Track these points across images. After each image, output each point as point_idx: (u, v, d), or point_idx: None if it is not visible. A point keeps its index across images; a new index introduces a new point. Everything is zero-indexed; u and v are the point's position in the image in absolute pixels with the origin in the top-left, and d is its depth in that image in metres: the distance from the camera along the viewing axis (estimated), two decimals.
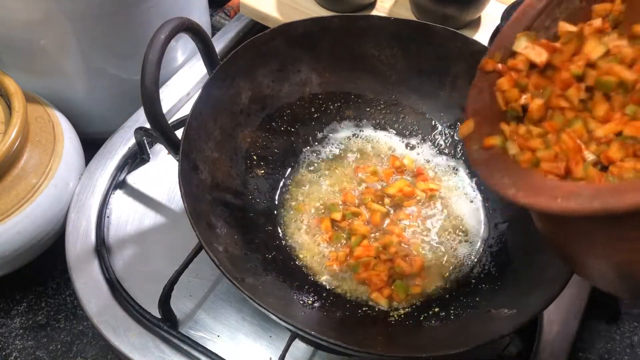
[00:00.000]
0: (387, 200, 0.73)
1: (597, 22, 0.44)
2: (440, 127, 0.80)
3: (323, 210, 0.73)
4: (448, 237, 0.71)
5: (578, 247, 0.43)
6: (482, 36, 0.92)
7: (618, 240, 0.37)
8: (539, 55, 0.45)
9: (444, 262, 0.69)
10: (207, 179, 0.66)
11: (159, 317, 0.67)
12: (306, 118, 0.80)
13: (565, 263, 0.48)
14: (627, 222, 0.35)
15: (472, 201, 0.75)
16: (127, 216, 0.78)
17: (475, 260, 0.70)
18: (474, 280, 0.68)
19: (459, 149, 0.78)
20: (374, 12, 0.96)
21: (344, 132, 0.81)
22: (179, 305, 0.69)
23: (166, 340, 0.67)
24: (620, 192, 0.32)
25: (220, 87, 0.70)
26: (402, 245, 0.69)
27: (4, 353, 0.74)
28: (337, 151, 0.79)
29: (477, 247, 0.71)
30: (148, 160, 0.84)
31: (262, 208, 0.73)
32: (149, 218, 0.78)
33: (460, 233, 0.72)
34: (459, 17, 0.89)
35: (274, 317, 0.53)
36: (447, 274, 0.68)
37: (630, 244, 0.36)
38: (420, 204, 0.74)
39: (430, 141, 0.80)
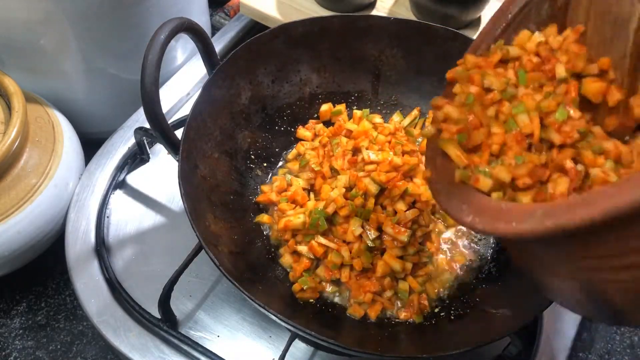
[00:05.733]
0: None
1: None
2: None
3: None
4: (460, 239, 0.71)
5: (545, 269, 0.42)
6: None
7: (582, 259, 0.36)
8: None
9: (454, 264, 0.69)
10: (207, 179, 0.66)
11: (159, 317, 0.67)
12: (306, 118, 0.80)
13: (536, 286, 0.47)
14: (589, 239, 0.33)
15: None
16: (127, 216, 0.78)
17: (483, 260, 0.69)
18: (474, 281, 0.68)
19: None
20: (374, 12, 0.96)
21: None
22: (179, 305, 0.69)
23: (166, 340, 0.67)
24: (571, 207, 0.31)
25: (220, 87, 0.70)
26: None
27: (4, 353, 0.74)
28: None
29: (485, 248, 0.71)
30: (148, 160, 0.84)
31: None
32: (149, 218, 0.78)
33: (473, 235, 0.72)
34: (459, 17, 0.89)
35: (273, 317, 0.53)
36: (456, 278, 0.68)
37: (593, 262, 0.35)
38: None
39: None
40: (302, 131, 0.78)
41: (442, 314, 0.65)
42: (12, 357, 0.74)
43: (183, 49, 0.94)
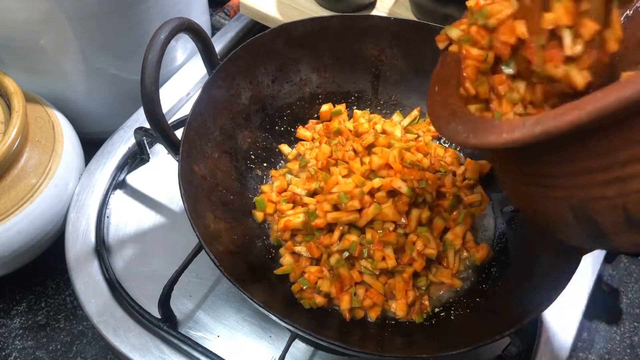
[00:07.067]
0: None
1: None
2: None
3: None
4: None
5: (538, 193, 0.44)
6: None
7: (571, 176, 0.38)
8: None
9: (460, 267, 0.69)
10: (207, 179, 0.66)
11: (159, 317, 0.67)
12: (306, 118, 0.80)
13: (533, 221, 0.49)
14: (577, 150, 0.36)
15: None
16: (127, 216, 0.78)
17: (483, 260, 0.69)
18: (474, 281, 0.68)
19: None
20: (374, 12, 0.96)
21: None
22: (179, 305, 0.69)
23: (166, 340, 0.67)
24: (558, 114, 0.33)
25: (220, 87, 0.70)
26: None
27: (3, 353, 0.74)
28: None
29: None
30: (148, 161, 0.84)
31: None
32: (149, 218, 0.78)
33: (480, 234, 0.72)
34: (459, 17, 0.89)
35: (273, 317, 0.53)
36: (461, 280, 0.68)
37: (581, 178, 0.37)
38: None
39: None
40: (302, 131, 0.78)
41: (442, 314, 0.65)
42: (12, 357, 0.74)
43: (183, 49, 0.94)
